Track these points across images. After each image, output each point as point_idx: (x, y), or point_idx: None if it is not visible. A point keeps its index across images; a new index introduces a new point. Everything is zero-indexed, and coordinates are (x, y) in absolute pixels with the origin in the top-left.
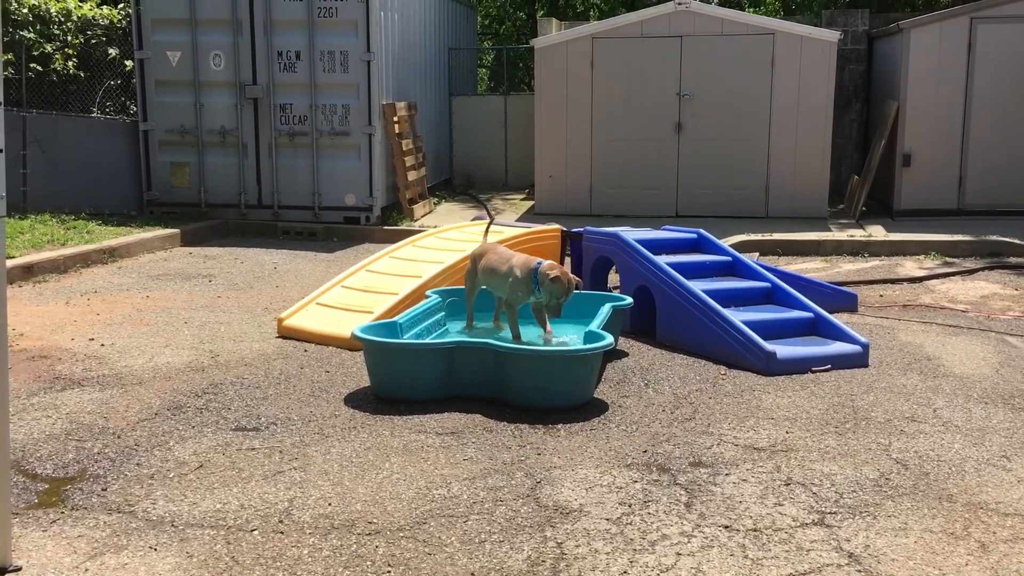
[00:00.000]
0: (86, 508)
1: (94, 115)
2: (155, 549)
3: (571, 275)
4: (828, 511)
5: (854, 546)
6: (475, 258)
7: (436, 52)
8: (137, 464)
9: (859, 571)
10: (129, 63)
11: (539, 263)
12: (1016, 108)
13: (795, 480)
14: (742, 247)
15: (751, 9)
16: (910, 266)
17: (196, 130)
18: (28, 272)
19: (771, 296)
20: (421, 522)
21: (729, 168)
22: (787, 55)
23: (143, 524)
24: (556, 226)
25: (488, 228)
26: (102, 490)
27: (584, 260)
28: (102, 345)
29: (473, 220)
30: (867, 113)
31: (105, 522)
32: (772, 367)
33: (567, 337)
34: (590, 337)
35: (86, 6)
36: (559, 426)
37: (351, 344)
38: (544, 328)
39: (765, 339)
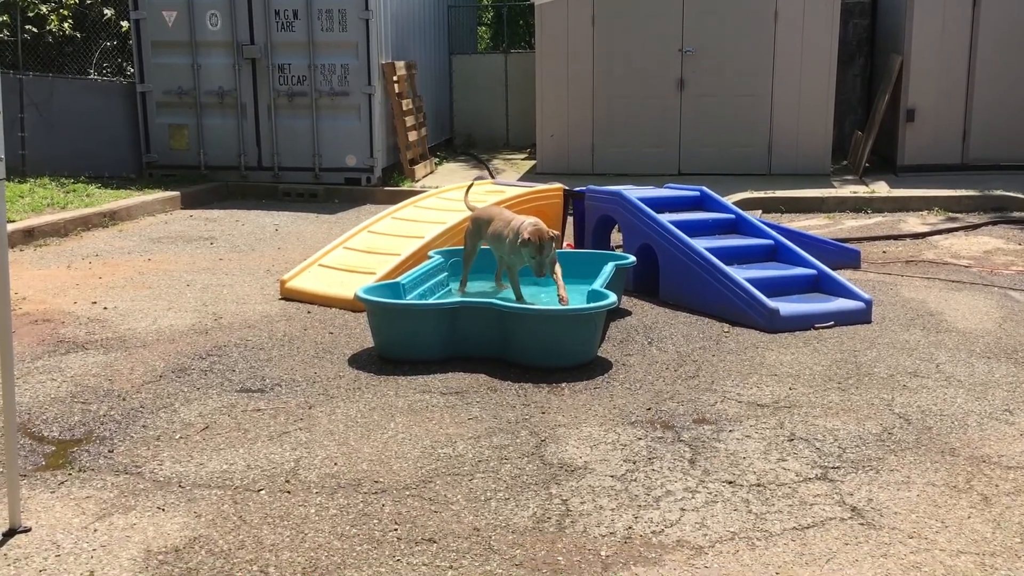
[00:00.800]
0: (93, 470)
1: (91, 77)
2: (163, 509)
3: (545, 230)
4: (831, 466)
5: (857, 500)
6: (476, 220)
7: (435, 10)
8: (143, 426)
9: (862, 524)
10: (125, 24)
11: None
12: (1021, 61)
13: (798, 436)
14: (745, 204)
15: None
16: (913, 222)
17: (194, 91)
18: (29, 236)
19: (774, 253)
20: (427, 481)
21: (732, 125)
22: (790, 9)
23: (150, 485)
24: (558, 185)
25: (469, 188)
26: (109, 452)
27: (587, 219)
28: (105, 308)
29: (475, 180)
30: (871, 68)
31: (112, 483)
32: (775, 324)
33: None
34: (593, 296)
35: None
36: (563, 385)
37: (354, 305)
38: (557, 284)
39: (768, 296)
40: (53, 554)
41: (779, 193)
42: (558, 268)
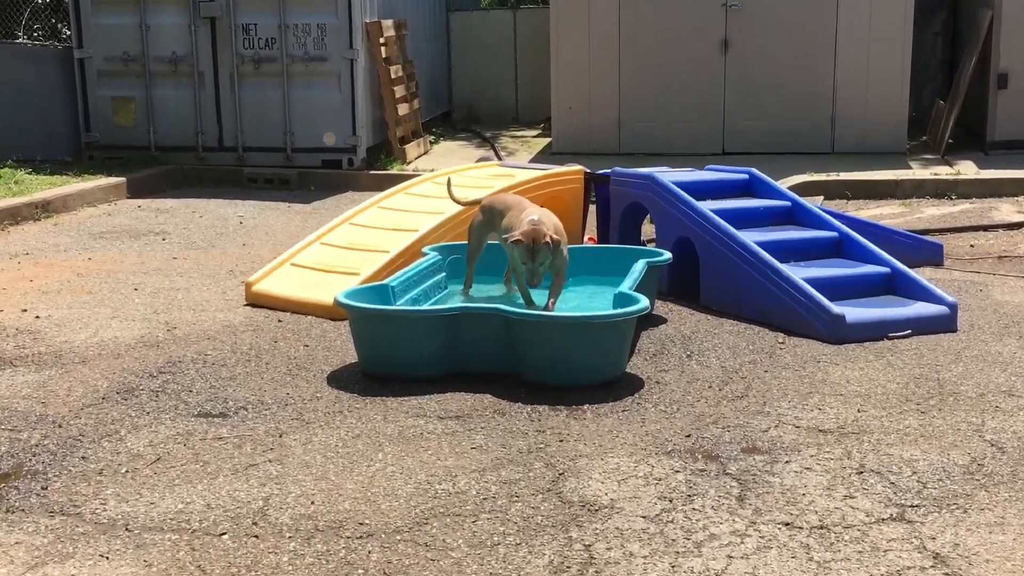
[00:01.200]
0: (24, 510)
1: (19, 41)
2: (107, 557)
3: (541, 232)
4: (909, 504)
5: (940, 545)
6: (489, 209)
7: None
8: (83, 458)
9: (946, 574)
10: None
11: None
12: None
13: (869, 468)
14: (803, 189)
15: None
16: (1007, 209)
17: (142, 57)
18: None
19: (839, 248)
20: (422, 522)
21: (787, 94)
22: None
23: (92, 528)
24: (578, 167)
25: (449, 183)
26: (42, 488)
27: (612, 208)
28: (37, 317)
29: (478, 162)
30: (954, 25)
31: (47, 526)
32: (840, 333)
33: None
34: (621, 300)
35: None
36: (585, 407)
37: (334, 312)
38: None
39: (832, 299)
40: None
41: (844, 176)
42: (562, 279)
